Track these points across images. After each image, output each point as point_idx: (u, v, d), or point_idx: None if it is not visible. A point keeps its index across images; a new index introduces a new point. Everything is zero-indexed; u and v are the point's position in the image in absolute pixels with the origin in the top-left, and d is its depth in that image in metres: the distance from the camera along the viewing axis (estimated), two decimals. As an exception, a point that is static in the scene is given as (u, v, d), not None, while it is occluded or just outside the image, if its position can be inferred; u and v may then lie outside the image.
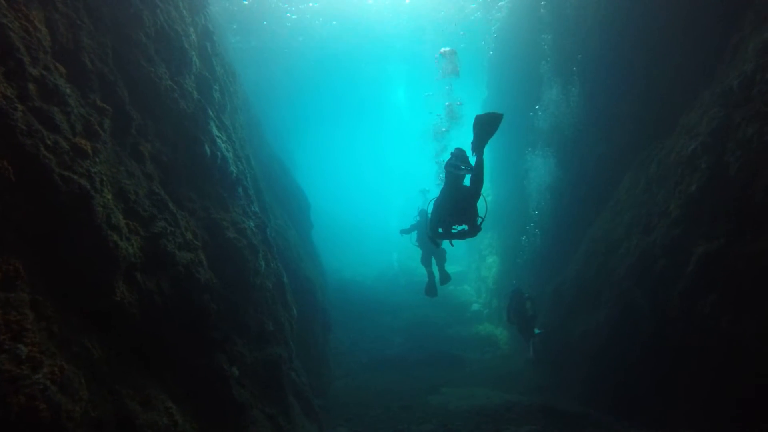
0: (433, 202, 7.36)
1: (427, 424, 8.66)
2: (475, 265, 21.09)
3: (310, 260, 12.81)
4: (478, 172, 6.49)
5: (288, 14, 17.50)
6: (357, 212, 43.99)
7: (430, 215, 7.56)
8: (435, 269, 11.11)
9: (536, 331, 10.80)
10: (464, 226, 6.94)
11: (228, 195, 5.64)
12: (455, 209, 6.81)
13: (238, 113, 8.64)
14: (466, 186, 6.85)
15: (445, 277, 9.74)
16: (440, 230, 7.09)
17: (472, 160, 6.57)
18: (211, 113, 5.63)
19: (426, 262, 10.26)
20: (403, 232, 11.60)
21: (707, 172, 6.54)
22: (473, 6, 17.61)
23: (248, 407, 4.54)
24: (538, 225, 13.50)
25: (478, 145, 6.35)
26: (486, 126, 6.22)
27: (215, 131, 5.56)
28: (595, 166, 10.62)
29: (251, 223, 5.91)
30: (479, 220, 6.88)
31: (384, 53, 21.67)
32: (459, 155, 6.70)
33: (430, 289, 9.51)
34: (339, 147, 46.88)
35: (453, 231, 7.08)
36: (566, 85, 11.74)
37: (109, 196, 3.10)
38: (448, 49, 17.03)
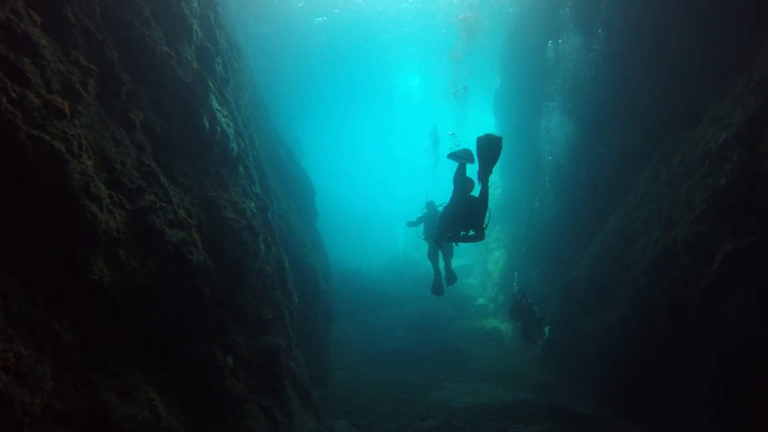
0: (441, 206, 7.77)
1: (430, 419, 8.36)
2: (481, 259, 20.73)
3: (314, 247, 12.50)
4: (483, 195, 7.01)
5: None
6: (363, 203, 43.69)
7: (438, 221, 8.02)
8: (441, 265, 10.76)
9: (546, 330, 10.53)
10: (471, 231, 7.37)
11: (228, 173, 5.30)
12: (463, 217, 7.26)
13: (243, 92, 8.28)
14: (474, 196, 7.29)
15: (452, 277, 9.49)
16: (449, 234, 7.57)
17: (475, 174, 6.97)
18: (212, 86, 5.29)
19: (432, 257, 9.93)
20: (410, 224, 11.24)
21: (739, 164, 6.13)
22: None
23: (242, 399, 4.23)
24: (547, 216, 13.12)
25: (484, 175, 6.76)
26: (488, 150, 6.60)
27: (215, 105, 5.21)
28: (613, 159, 10.19)
29: (252, 204, 5.58)
30: (485, 225, 7.34)
31: (394, 40, 21.17)
32: (465, 150, 7.19)
33: (437, 288, 9.25)
34: (346, 136, 46.42)
35: (460, 235, 7.50)
36: (583, 71, 11.30)
37: (89, 163, 2.76)
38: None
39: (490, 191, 7.30)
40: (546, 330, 10.60)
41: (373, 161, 61.06)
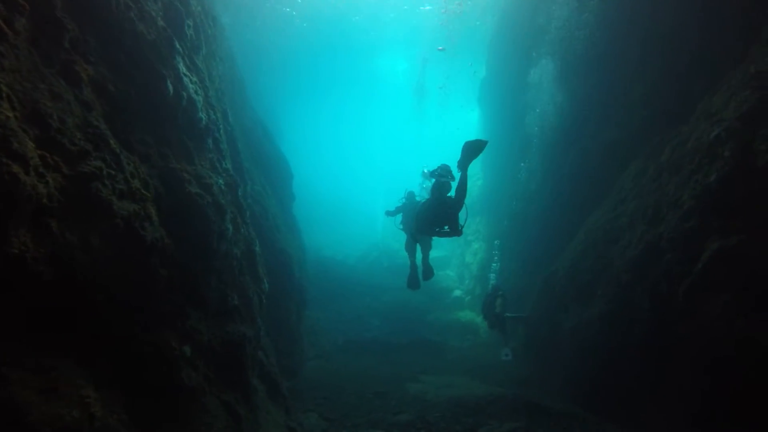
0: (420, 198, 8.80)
1: (403, 414, 8.08)
2: (459, 251, 20.58)
3: (289, 232, 12.04)
4: (462, 185, 7.41)
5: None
6: (342, 191, 43.12)
7: (414, 220, 8.46)
8: (419, 258, 10.48)
9: (505, 352, 10.53)
10: (446, 227, 7.83)
11: (194, 145, 4.82)
12: (438, 217, 7.74)
13: (218, 63, 7.73)
14: (450, 197, 7.64)
15: (428, 272, 9.28)
16: (424, 231, 8.16)
17: (456, 174, 7.54)
18: (179, 48, 4.78)
19: (410, 249, 9.61)
20: (389, 213, 10.88)
21: (731, 161, 5.94)
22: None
23: (200, 393, 3.82)
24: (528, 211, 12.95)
25: (464, 164, 7.31)
26: (473, 150, 7.28)
27: (183, 68, 4.71)
28: (599, 153, 10.01)
29: (220, 181, 5.11)
30: (461, 225, 7.88)
31: (371, 23, 20.54)
32: (444, 168, 7.68)
33: (412, 282, 8.99)
34: (327, 123, 45.58)
35: (435, 230, 8.00)
36: (568, 65, 11.07)
37: (11, 114, 2.30)
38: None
39: (470, 183, 7.63)
40: (506, 352, 10.54)
41: (354, 149, 60.46)
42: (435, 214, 7.77)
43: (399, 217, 10.65)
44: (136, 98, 3.92)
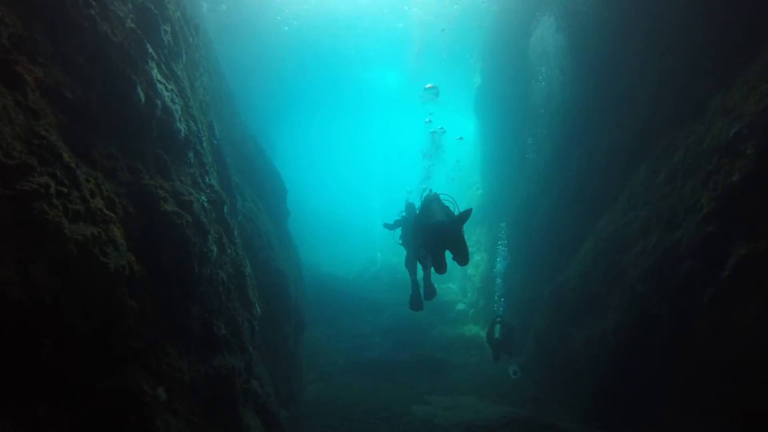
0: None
1: (410, 441, 7.54)
2: (461, 262, 20.06)
3: (284, 251, 11.53)
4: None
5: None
6: (339, 206, 42.65)
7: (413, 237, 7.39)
8: (420, 276, 9.65)
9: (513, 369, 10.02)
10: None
11: (172, 159, 4.36)
12: (435, 243, 6.28)
13: (201, 73, 7.31)
14: (444, 222, 6.20)
15: (430, 291, 8.27)
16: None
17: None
18: (152, 53, 4.34)
19: (410, 266, 8.75)
20: (387, 226, 10.00)
21: (754, 159, 5.53)
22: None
23: (179, 443, 3.30)
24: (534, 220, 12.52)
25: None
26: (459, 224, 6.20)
27: (157, 75, 4.27)
28: (605, 156, 9.61)
29: (202, 197, 4.64)
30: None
31: (360, 38, 20.34)
32: (434, 200, 6.60)
33: (415, 303, 8.01)
34: (321, 139, 45.34)
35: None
36: (571, 63, 10.73)
37: None
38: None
39: (469, 192, 6.75)
40: (514, 369, 10.03)
41: (347, 161, 60.26)
42: (429, 239, 6.49)
43: (398, 232, 9.92)
44: (99, 106, 3.46)
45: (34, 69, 2.81)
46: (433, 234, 6.09)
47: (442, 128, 18.60)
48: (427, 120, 19.04)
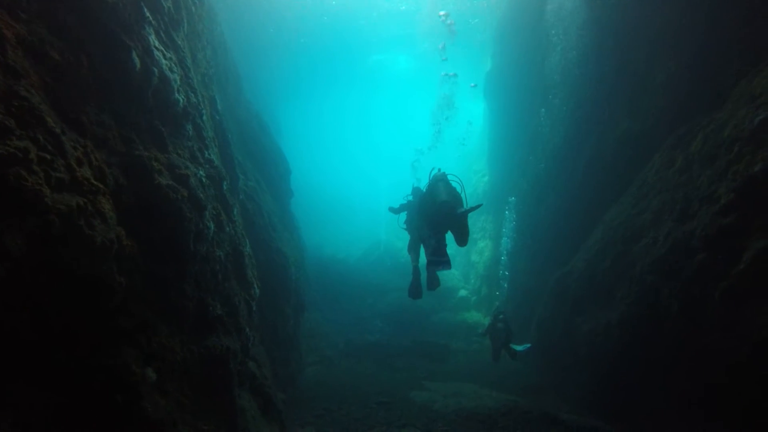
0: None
1: (409, 426, 7.44)
2: (464, 249, 19.89)
3: (286, 231, 11.37)
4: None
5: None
6: (344, 186, 42.40)
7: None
8: (423, 262, 9.32)
9: (516, 347, 9.79)
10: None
11: (168, 130, 4.16)
12: (435, 222, 6.13)
13: (205, 45, 7.05)
14: (446, 202, 5.93)
15: (433, 281, 7.91)
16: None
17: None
18: (150, 17, 4.11)
19: (413, 250, 8.48)
20: (392, 210, 9.76)
21: (780, 149, 5.27)
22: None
23: (168, 426, 3.17)
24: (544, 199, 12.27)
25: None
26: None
27: (155, 41, 4.04)
28: (617, 143, 9.31)
29: (201, 172, 4.45)
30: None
31: (372, 20, 19.87)
32: (440, 180, 6.27)
33: (415, 290, 7.71)
34: (329, 118, 44.82)
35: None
36: (583, 47, 10.35)
37: None
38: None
39: (475, 179, 6.47)
40: (518, 348, 9.83)
41: (357, 142, 59.77)
42: (430, 219, 6.36)
43: (403, 216, 9.71)
44: (90, 71, 3.26)
45: (14, 24, 2.60)
46: (438, 215, 5.86)
47: (455, 73, 18.37)
48: (443, 74, 18.65)
